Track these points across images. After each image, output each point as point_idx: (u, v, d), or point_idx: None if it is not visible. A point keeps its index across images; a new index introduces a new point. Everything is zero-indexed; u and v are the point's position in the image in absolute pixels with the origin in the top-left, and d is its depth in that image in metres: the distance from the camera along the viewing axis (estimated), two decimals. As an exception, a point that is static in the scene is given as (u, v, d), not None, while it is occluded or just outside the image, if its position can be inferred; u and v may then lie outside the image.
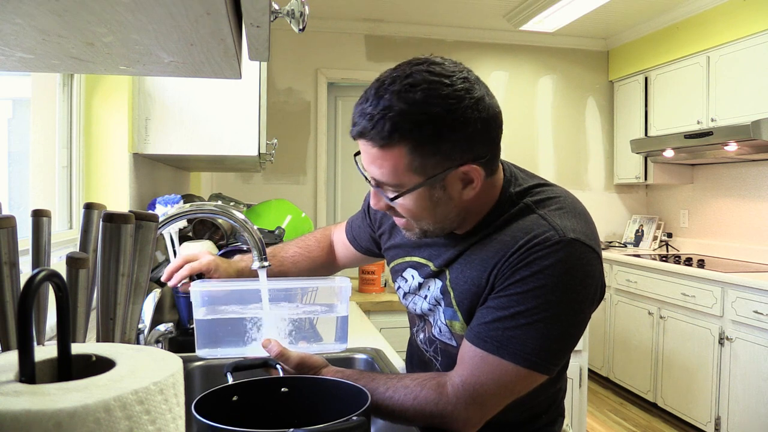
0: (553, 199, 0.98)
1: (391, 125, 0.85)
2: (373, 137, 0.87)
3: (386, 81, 0.87)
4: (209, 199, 2.69)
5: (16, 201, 1.68)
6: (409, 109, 0.84)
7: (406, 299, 1.14)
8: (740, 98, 3.36)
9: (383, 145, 0.87)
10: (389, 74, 0.88)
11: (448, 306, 1.01)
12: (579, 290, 0.90)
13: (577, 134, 4.68)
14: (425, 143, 0.86)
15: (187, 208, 1.27)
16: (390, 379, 0.98)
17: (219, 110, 1.83)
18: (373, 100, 0.87)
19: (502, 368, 0.90)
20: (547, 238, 0.90)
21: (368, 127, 0.87)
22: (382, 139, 0.86)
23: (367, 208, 1.28)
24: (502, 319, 0.90)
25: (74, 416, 0.38)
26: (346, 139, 4.51)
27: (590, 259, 0.91)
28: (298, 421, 0.93)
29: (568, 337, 0.92)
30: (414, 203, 0.93)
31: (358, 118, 0.89)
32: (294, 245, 1.42)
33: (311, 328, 1.18)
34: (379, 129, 0.86)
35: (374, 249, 1.31)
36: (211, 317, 1.11)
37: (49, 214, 0.70)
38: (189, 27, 0.52)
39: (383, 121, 0.85)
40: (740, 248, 3.77)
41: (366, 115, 0.87)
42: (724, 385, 3.10)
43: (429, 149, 0.87)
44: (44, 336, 0.68)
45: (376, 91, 0.87)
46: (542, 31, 4.19)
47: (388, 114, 0.85)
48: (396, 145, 0.86)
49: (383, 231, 1.22)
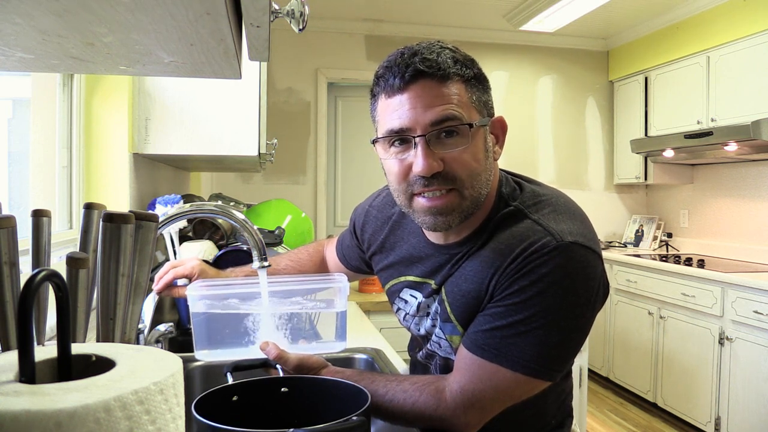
0: (544, 201, 0.96)
1: (450, 59, 0.89)
2: (433, 73, 0.88)
3: (410, 47, 0.92)
4: (209, 199, 2.69)
5: (16, 201, 1.68)
6: (454, 53, 0.91)
7: (407, 321, 1.11)
8: (740, 98, 3.36)
9: (445, 79, 0.89)
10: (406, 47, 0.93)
11: (446, 321, 1.00)
12: (580, 294, 0.88)
13: (577, 134, 4.67)
14: (476, 82, 0.92)
15: (187, 208, 1.27)
16: (390, 382, 0.98)
17: (219, 110, 1.83)
18: (417, 51, 0.90)
19: (500, 375, 0.90)
20: (544, 245, 0.88)
21: (428, 64, 0.88)
22: (443, 72, 0.89)
23: (353, 228, 1.26)
24: (500, 328, 0.89)
25: (74, 416, 0.38)
26: (346, 139, 4.51)
27: (590, 260, 0.90)
28: (298, 421, 0.92)
29: (569, 342, 0.91)
30: (478, 150, 0.92)
31: (406, 67, 0.89)
32: (286, 258, 1.42)
33: (311, 328, 1.18)
34: (441, 62, 0.89)
35: (364, 267, 1.30)
36: (212, 311, 1.11)
37: (49, 214, 0.70)
38: (189, 27, 0.52)
39: (441, 56, 0.89)
40: (740, 248, 3.77)
41: (418, 60, 0.89)
42: (724, 385, 3.10)
43: (479, 88, 0.93)
44: (44, 336, 0.68)
45: (410, 50, 0.91)
46: (542, 31, 4.19)
47: (442, 52, 0.90)
48: (455, 79, 0.90)
49: (373, 251, 1.19)
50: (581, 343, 0.94)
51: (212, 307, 1.11)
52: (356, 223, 1.25)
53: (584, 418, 2.70)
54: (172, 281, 1.23)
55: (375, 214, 1.19)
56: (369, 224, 1.20)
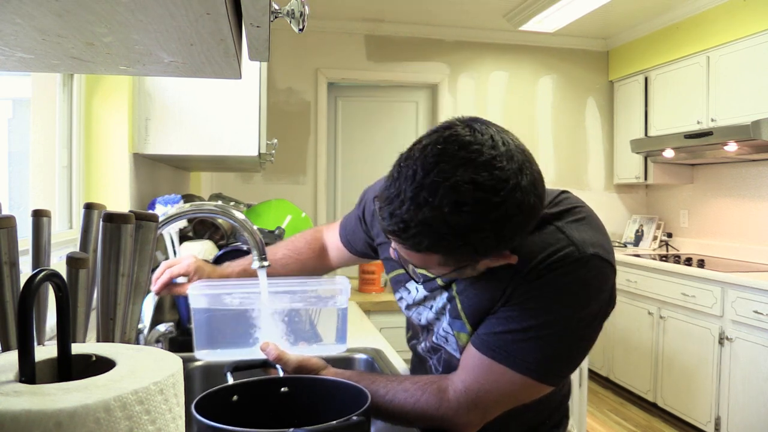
0: (570, 210, 0.94)
1: (429, 242, 0.78)
2: (407, 244, 0.81)
3: (426, 182, 0.75)
4: (209, 199, 2.69)
5: (16, 201, 1.68)
6: (452, 232, 0.76)
7: (409, 310, 1.10)
8: (740, 98, 3.36)
9: (417, 250, 0.81)
10: (429, 166, 0.76)
11: (455, 318, 0.99)
12: (593, 305, 0.89)
13: (577, 134, 4.67)
14: (461, 254, 0.82)
15: (187, 208, 1.27)
16: (390, 382, 0.98)
17: (219, 110, 1.83)
18: (410, 205, 0.76)
19: (508, 377, 0.90)
20: (567, 255, 0.87)
21: (403, 235, 0.79)
22: (416, 249, 0.80)
23: (362, 214, 1.23)
24: (514, 331, 0.89)
25: (74, 416, 0.38)
26: (346, 139, 4.51)
27: (607, 273, 0.90)
28: (298, 421, 0.93)
29: (578, 350, 0.92)
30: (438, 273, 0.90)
31: (392, 218, 0.79)
32: (283, 247, 1.38)
33: (311, 329, 1.18)
34: (415, 241, 0.78)
35: (370, 253, 1.27)
36: (214, 308, 1.11)
37: (49, 214, 0.70)
38: (189, 27, 0.52)
39: (420, 237, 0.77)
40: (740, 248, 3.77)
41: (402, 221, 0.77)
42: (724, 385, 3.10)
43: (464, 255, 0.82)
44: (44, 336, 0.68)
45: (414, 193, 0.76)
46: (542, 31, 4.19)
47: (426, 230, 0.77)
48: (431, 252, 0.81)
49: (382, 241, 1.17)
50: (588, 351, 0.94)
51: (214, 304, 1.11)
52: (366, 209, 1.21)
53: (584, 418, 2.70)
54: (169, 281, 1.22)
55: None
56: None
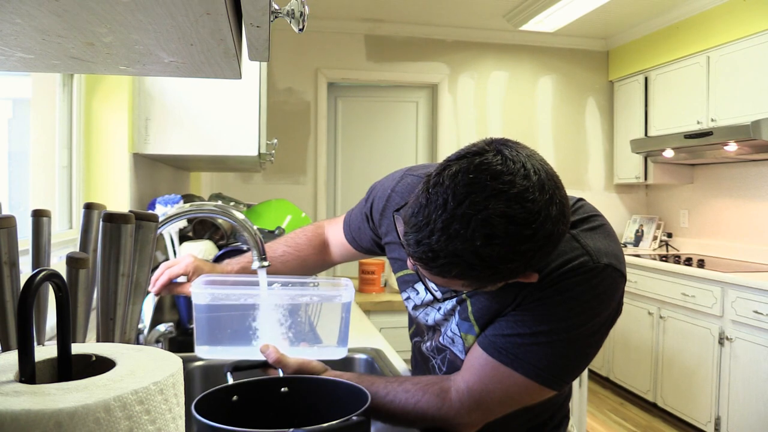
0: (586, 219, 0.93)
1: (458, 271, 0.77)
2: (433, 272, 0.79)
3: (457, 213, 0.73)
4: (209, 199, 2.69)
5: (16, 201, 1.68)
6: (482, 264, 0.75)
7: (417, 311, 1.09)
8: (740, 98, 3.36)
9: (444, 276, 0.80)
10: (460, 197, 0.74)
11: (464, 320, 0.98)
12: (602, 313, 0.90)
13: (577, 134, 4.67)
14: (488, 281, 0.81)
15: (187, 208, 1.26)
16: (390, 383, 0.98)
17: (219, 110, 1.83)
18: (441, 236, 0.74)
19: (513, 380, 0.90)
20: (581, 264, 0.87)
21: (431, 264, 0.77)
22: (443, 276, 0.79)
23: (370, 212, 1.20)
24: (522, 335, 0.89)
25: (74, 416, 0.38)
26: (346, 139, 4.51)
27: (619, 283, 0.90)
28: (298, 421, 0.93)
29: (584, 356, 0.92)
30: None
31: (419, 246, 0.76)
32: (282, 244, 1.35)
33: (311, 331, 1.18)
34: (444, 270, 0.77)
35: (376, 250, 1.25)
36: (217, 303, 1.10)
37: (49, 214, 0.70)
38: (189, 27, 0.52)
39: (449, 266, 0.76)
40: (740, 248, 3.77)
41: (431, 251, 0.75)
42: (724, 385, 3.10)
43: (489, 281, 0.81)
44: (44, 336, 0.68)
45: (445, 224, 0.74)
46: (542, 31, 4.19)
47: (456, 261, 0.75)
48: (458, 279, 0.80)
49: (390, 240, 1.14)
50: (593, 358, 0.95)
51: (217, 300, 1.10)
52: (374, 206, 1.18)
53: (584, 418, 2.70)
54: (169, 282, 1.21)
55: (398, 201, 1.11)
56: (389, 210, 1.13)
